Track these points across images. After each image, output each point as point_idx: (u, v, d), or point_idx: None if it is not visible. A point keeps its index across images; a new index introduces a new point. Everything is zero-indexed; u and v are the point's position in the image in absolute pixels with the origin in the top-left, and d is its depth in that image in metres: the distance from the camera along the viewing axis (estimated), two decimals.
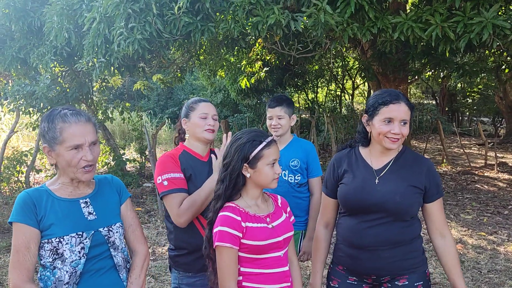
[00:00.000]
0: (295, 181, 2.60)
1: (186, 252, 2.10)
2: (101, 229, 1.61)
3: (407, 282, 1.80)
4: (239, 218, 1.65)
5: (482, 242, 4.92)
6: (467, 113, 21.95)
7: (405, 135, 1.82)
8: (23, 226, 1.51)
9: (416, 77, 10.02)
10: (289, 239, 1.74)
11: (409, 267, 1.82)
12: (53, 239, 1.52)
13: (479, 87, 18.66)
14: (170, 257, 2.18)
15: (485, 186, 8.10)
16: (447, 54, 6.80)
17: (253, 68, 9.98)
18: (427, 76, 14.27)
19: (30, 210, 1.53)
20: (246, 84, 9.99)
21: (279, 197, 1.87)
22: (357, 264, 1.85)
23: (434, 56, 7.63)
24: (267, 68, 10.15)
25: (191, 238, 2.06)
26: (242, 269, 1.68)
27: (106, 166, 8.38)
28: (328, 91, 19.80)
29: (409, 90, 22.39)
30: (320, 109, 16.80)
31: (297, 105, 21.35)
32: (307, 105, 18.32)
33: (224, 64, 10.57)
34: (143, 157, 8.83)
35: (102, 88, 8.18)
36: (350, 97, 19.63)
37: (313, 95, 19.23)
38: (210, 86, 15.20)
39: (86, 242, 1.56)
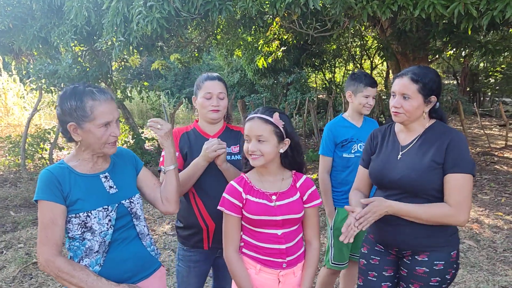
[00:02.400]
0: None
1: (182, 226, 2.21)
2: (123, 202, 1.70)
3: (426, 259, 1.83)
4: (241, 189, 1.74)
5: (498, 222, 4.93)
6: (489, 94, 21.49)
7: (409, 109, 1.83)
8: (49, 203, 1.57)
9: (437, 56, 9.87)
10: (291, 220, 1.74)
11: (431, 245, 1.83)
12: (81, 214, 1.61)
13: (502, 66, 18.25)
14: (175, 227, 2.30)
15: (505, 167, 8.02)
16: (469, 32, 6.69)
17: (270, 48, 9.96)
18: (448, 55, 13.98)
19: (55, 187, 1.59)
20: (263, 64, 9.99)
21: (303, 178, 1.83)
22: (382, 236, 1.94)
23: (456, 34, 7.47)
24: (284, 48, 10.12)
25: (187, 216, 2.16)
26: (243, 236, 1.79)
27: (125, 144, 8.55)
28: (345, 71, 19.56)
29: None
30: (338, 89, 16.64)
31: (314, 85, 21.20)
32: (324, 85, 18.17)
33: (241, 43, 10.55)
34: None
35: (121, 68, 8.28)
36: None
37: (330, 75, 19.03)
38: (227, 66, 15.21)
39: (112, 214, 1.65)
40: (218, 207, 1.77)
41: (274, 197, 1.73)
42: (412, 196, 1.82)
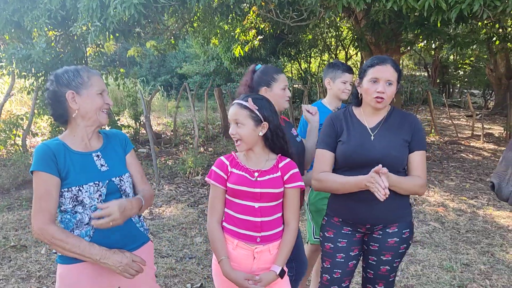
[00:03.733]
0: None
1: None
2: (113, 179, 1.79)
3: (396, 230, 2.01)
4: (227, 163, 1.88)
5: (462, 205, 5.20)
6: (458, 85, 22.16)
7: (390, 95, 1.98)
8: (45, 174, 1.65)
9: (409, 48, 10.12)
10: (268, 195, 1.83)
11: (399, 216, 2.01)
12: (73, 188, 1.69)
13: (471, 59, 18.81)
14: None
15: (470, 155, 8.39)
16: (439, 25, 6.92)
17: (247, 37, 9.99)
18: (419, 47, 14.34)
19: (50, 160, 1.67)
20: (239, 53, 10.03)
21: (287, 160, 1.91)
22: (354, 215, 2.04)
23: (427, 27, 7.69)
24: (261, 37, 10.16)
25: None
26: (226, 210, 1.91)
27: None
28: (321, 61, 19.77)
29: (401, 62, 22.44)
30: (313, 79, 16.84)
31: (290, 75, 21.34)
32: (300, 75, 18.34)
33: (218, 31, 10.55)
34: (137, 123, 8.93)
35: (96, 54, 8.18)
36: None
37: (306, 65, 19.21)
38: (203, 54, 15.14)
39: (103, 190, 1.74)
40: (206, 179, 1.92)
41: (256, 174, 1.85)
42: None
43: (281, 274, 1.85)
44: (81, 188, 1.70)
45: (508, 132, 9.97)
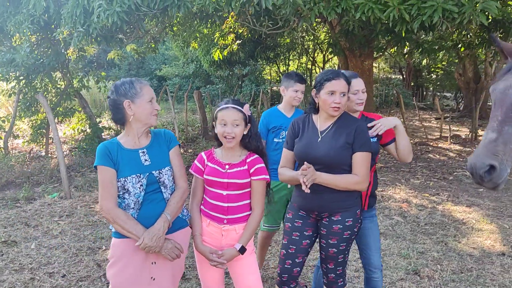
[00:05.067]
0: None
1: None
2: (153, 172, 2.19)
3: (340, 218, 2.40)
4: (205, 157, 2.33)
5: (424, 201, 5.68)
6: (431, 88, 22.98)
7: (344, 104, 2.38)
8: (107, 168, 2.10)
9: (381, 53, 10.64)
10: (234, 184, 2.24)
11: (343, 207, 2.40)
12: (121, 179, 2.12)
13: (443, 63, 19.54)
14: None
15: (437, 155, 8.93)
16: (403, 34, 7.41)
17: (226, 41, 10.34)
18: (392, 52, 14.93)
19: (108, 156, 2.11)
20: (219, 56, 10.36)
21: (254, 156, 2.33)
22: (305, 202, 2.45)
23: (397, 34, 8.14)
24: (240, 41, 10.52)
25: None
26: (204, 196, 2.35)
27: (82, 133, 8.69)
28: (299, 64, 20.25)
29: (377, 65, 23.12)
30: None
31: (268, 78, 21.73)
32: (278, 78, 18.76)
33: (197, 35, 10.86)
34: (118, 125, 9.14)
35: (78, 57, 8.40)
36: (321, 70, 20.09)
37: (284, 68, 19.65)
38: (183, 56, 15.40)
39: (143, 181, 2.15)
40: (189, 170, 2.35)
41: (227, 166, 2.28)
42: (329, 169, 2.34)
43: (241, 251, 2.26)
44: (126, 179, 2.13)
45: (473, 134, 10.58)
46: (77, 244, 4.18)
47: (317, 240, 2.55)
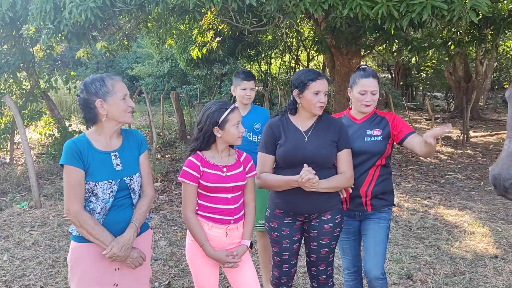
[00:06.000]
0: (258, 140, 3.37)
1: None
2: (125, 178, 2.27)
3: (330, 217, 2.61)
4: (199, 164, 2.41)
5: (416, 205, 5.92)
6: (421, 88, 23.52)
7: (325, 102, 2.61)
8: (75, 168, 2.13)
9: (368, 51, 10.91)
10: (238, 187, 2.46)
11: (331, 205, 2.61)
12: (90, 182, 2.18)
13: (433, 61, 20.06)
14: None
15: (428, 158, 9.24)
16: (392, 31, 7.67)
17: (205, 38, 10.46)
18: (381, 50, 15.28)
19: (77, 155, 2.14)
20: (197, 54, 10.46)
21: (244, 154, 2.58)
22: (293, 206, 2.62)
23: (385, 31, 8.37)
24: (219, 38, 10.65)
25: None
26: (199, 201, 2.46)
27: (50, 138, 8.68)
28: (282, 62, 20.46)
29: (364, 63, 23.57)
30: (274, 81, 17.45)
31: None
32: (260, 77, 18.92)
33: (174, 32, 10.94)
34: (89, 128, 9.15)
35: (45, 56, 8.41)
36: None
37: (266, 67, 19.84)
38: (157, 54, 15.44)
39: (114, 187, 2.24)
40: (179, 178, 2.43)
41: (225, 169, 2.43)
42: (317, 169, 2.50)
43: (251, 246, 2.50)
44: (96, 184, 2.19)
45: (465, 135, 10.96)
46: (52, 255, 4.24)
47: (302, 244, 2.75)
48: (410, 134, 2.70)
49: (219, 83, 18.15)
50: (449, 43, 9.90)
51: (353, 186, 2.67)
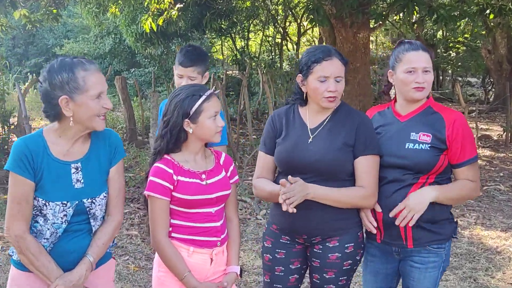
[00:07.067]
0: None
1: None
2: (85, 200, 2.27)
3: (337, 244, 2.58)
4: (171, 171, 2.41)
5: None
6: (450, 71, 23.79)
7: (341, 91, 2.59)
8: (23, 179, 2.15)
9: (380, 23, 11.00)
10: (223, 197, 2.50)
11: (340, 228, 2.59)
12: (39, 199, 2.19)
13: (465, 36, 20.26)
14: None
15: None
16: None
17: (161, 5, 10.43)
18: (397, 20, 15.41)
19: (28, 162, 2.15)
20: (150, 27, 10.41)
21: (223, 154, 2.61)
22: (289, 222, 2.62)
23: None
24: (181, 5, 10.62)
25: None
26: (172, 221, 2.46)
27: None
28: (264, 37, 20.41)
29: (374, 38, 23.75)
30: (253, 63, 17.40)
31: (221, 57, 21.84)
32: (234, 57, 18.85)
33: None
34: (5, 127, 9.03)
35: None
36: (295, 46, 20.28)
37: (243, 43, 19.80)
38: (95, 27, 15.35)
39: (69, 211, 2.24)
40: (145, 192, 2.42)
41: (204, 176, 2.46)
42: (324, 180, 2.53)
43: (240, 273, 2.56)
44: (47, 204, 2.21)
45: (508, 133, 11.07)
46: None
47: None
48: (470, 162, 2.57)
49: None
50: (488, 11, 9.97)
51: (380, 210, 2.58)
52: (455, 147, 2.53)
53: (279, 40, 19.88)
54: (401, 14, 10.61)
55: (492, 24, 13.34)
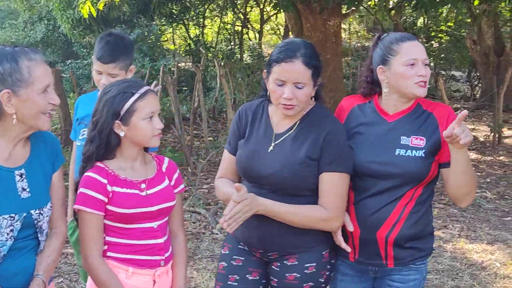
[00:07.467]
0: None
1: None
2: (32, 212, 2.21)
3: (296, 262, 2.55)
4: (105, 181, 2.35)
5: None
6: (432, 64, 24.09)
7: (302, 100, 2.50)
8: None
9: (353, 8, 11.06)
10: (167, 210, 2.47)
11: (301, 245, 2.56)
12: None
13: (449, 24, 20.55)
14: None
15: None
16: None
17: None
18: (372, 5, 15.52)
19: None
20: (90, 12, 10.32)
21: (166, 160, 2.58)
22: (245, 233, 2.61)
23: None
24: None
25: None
26: (107, 238, 2.41)
27: None
28: (222, 24, 20.42)
29: (348, 27, 23.95)
30: (210, 54, 17.38)
31: (172, 47, 21.72)
32: (188, 47, 18.78)
33: None
34: None
35: None
36: (257, 35, 20.33)
37: (198, 31, 19.75)
38: (25, 11, 15.11)
39: (17, 225, 2.17)
40: (75, 206, 2.36)
41: (143, 185, 2.42)
42: (282, 195, 2.50)
43: None
44: None
45: (496, 134, 11.13)
46: None
47: None
48: None
49: None
50: None
51: (352, 229, 2.55)
52: (445, 149, 2.44)
53: (239, 28, 19.93)
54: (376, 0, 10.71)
55: (477, 11, 13.51)
